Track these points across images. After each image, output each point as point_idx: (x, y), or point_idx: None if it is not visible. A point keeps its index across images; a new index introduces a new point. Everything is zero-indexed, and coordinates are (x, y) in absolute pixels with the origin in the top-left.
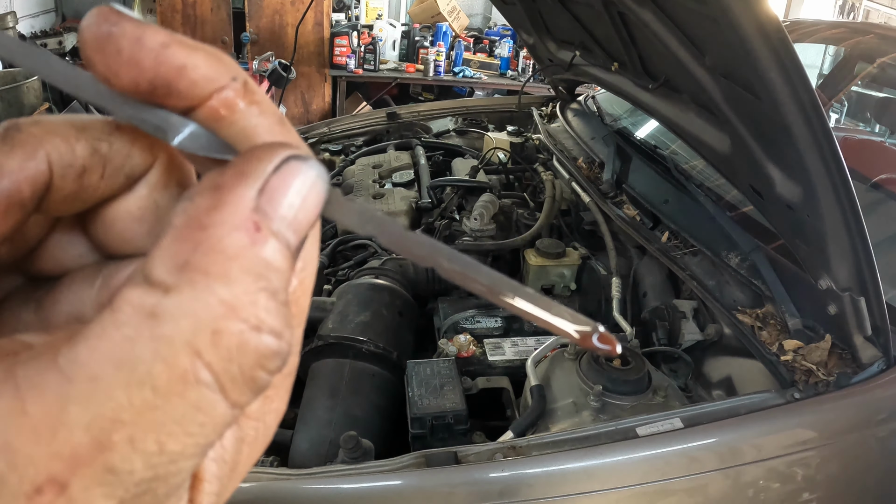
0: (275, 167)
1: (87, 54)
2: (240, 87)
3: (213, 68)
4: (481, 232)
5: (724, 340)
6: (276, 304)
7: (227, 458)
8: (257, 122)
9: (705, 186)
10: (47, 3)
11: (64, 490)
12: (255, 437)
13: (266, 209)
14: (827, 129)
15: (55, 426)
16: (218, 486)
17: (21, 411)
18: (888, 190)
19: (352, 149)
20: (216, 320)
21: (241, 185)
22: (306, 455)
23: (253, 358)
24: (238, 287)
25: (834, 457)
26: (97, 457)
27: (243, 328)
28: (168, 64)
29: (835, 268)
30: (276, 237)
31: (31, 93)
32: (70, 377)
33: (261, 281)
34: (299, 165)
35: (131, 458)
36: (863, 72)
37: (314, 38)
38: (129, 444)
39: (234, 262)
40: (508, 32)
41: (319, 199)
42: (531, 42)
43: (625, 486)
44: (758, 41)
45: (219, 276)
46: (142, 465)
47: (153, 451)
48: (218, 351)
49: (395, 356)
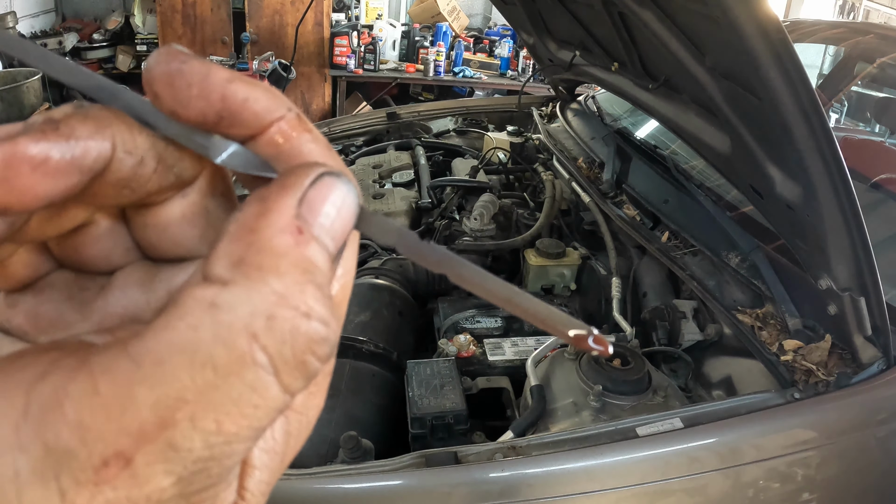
0: (311, 181)
1: (157, 89)
2: (294, 118)
3: (271, 101)
4: (481, 232)
5: (724, 340)
6: (323, 296)
7: (277, 449)
8: (310, 149)
9: (705, 186)
10: (47, 3)
11: (129, 464)
12: (299, 430)
13: (306, 216)
14: (827, 129)
15: (124, 405)
16: (269, 476)
17: (94, 391)
18: (888, 190)
19: (352, 149)
20: (270, 307)
21: (284, 195)
22: (306, 455)
23: (304, 342)
24: (288, 279)
25: (834, 457)
26: (161, 434)
27: (294, 314)
28: (233, 98)
29: (835, 268)
30: (317, 241)
31: (31, 93)
32: (138, 362)
33: (307, 275)
34: (334, 181)
35: (192, 436)
36: (863, 72)
37: (314, 38)
38: (190, 422)
39: (283, 259)
40: (508, 32)
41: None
42: (531, 42)
43: (625, 486)
44: (758, 41)
45: (270, 270)
46: (200, 444)
47: (211, 431)
48: (273, 335)
49: (395, 356)
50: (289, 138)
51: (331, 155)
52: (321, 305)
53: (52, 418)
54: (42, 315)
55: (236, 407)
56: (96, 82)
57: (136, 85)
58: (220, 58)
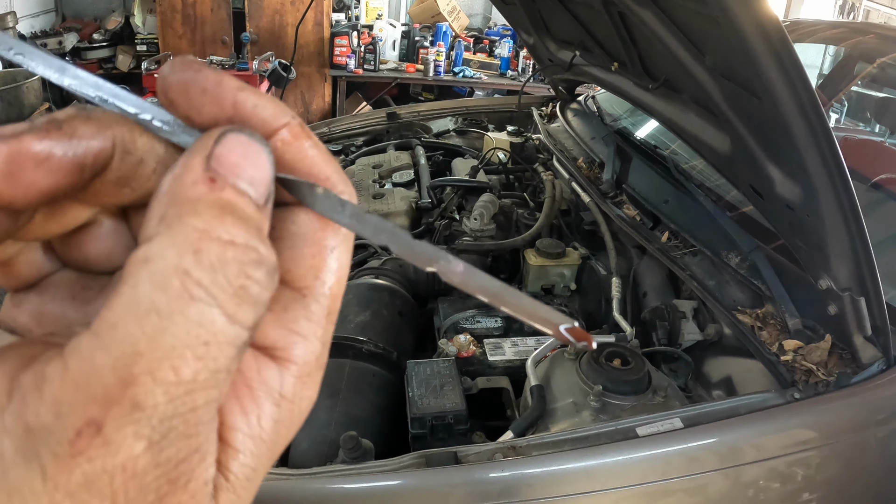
0: (215, 140)
1: (172, 96)
2: (297, 125)
3: (277, 109)
4: (481, 232)
5: (724, 340)
6: (246, 226)
7: (264, 437)
8: (312, 154)
9: (705, 186)
10: (47, 3)
11: (100, 430)
12: (290, 419)
13: (216, 168)
14: (827, 129)
15: (89, 374)
16: (254, 461)
17: (64, 369)
18: (888, 190)
19: (352, 149)
20: (194, 243)
21: (193, 155)
22: (306, 455)
23: (235, 267)
24: (206, 215)
25: (834, 457)
26: (124, 393)
27: (218, 243)
28: (243, 104)
29: (835, 268)
30: (233, 187)
31: (31, 93)
32: (97, 333)
33: (226, 212)
34: (238, 135)
35: (153, 389)
36: (863, 72)
37: (314, 38)
38: (149, 375)
39: (199, 203)
40: (508, 32)
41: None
42: (531, 42)
43: (625, 486)
44: (758, 41)
45: (189, 213)
46: (163, 398)
47: (171, 381)
48: (202, 267)
49: (395, 356)
50: (291, 143)
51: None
52: (244, 231)
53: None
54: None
55: (188, 348)
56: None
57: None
58: (221, 58)
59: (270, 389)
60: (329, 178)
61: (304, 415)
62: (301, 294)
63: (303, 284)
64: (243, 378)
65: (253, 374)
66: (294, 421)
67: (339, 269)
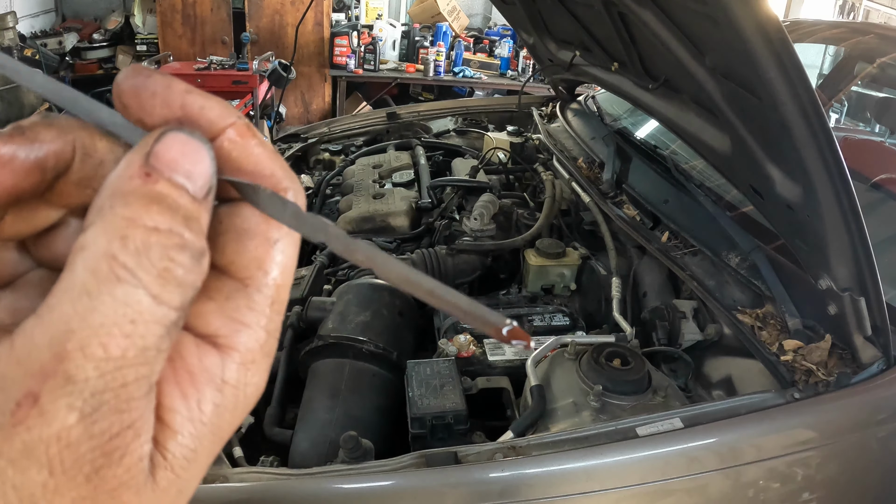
0: (155, 139)
1: (125, 100)
2: (243, 125)
3: (224, 110)
4: (481, 232)
5: (724, 340)
6: (172, 214)
7: (204, 420)
8: (258, 151)
9: (705, 186)
10: (47, 3)
11: (36, 401)
12: (234, 404)
13: (154, 164)
14: (827, 129)
15: (29, 350)
16: (194, 443)
17: (10, 347)
18: (888, 190)
19: (352, 149)
20: (121, 230)
21: (134, 153)
22: (306, 455)
23: (158, 251)
24: (135, 205)
25: (834, 457)
26: (58, 367)
27: (143, 230)
28: (191, 106)
29: (835, 268)
30: (168, 180)
31: (31, 93)
32: (39, 314)
33: (154, 201)
34: (177, 133)
35: (84, 365)
36: (863, 72)
37: (314, 38)
38: (80, 351)
39: (131, 195)
40: (508, 32)
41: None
42: (531, 42)
43: (625, 486)
44: (758, 41)
45: (120, 204)
46: (94, 372)
47: (101, 357)
48: (128, 251)
49: (395, 356)
50: (237, 142)
51: (275, 157)
52: (169, 219)
53: None
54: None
55: (116, 326)
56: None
57: None
58: (221, 58)
59: (212, 375)
60: (274, 174)
61: (251, 400)
62: (244, 284)
63: (246, 275)
64: (185, 364)
65: (195, 361)
66: (239, 406)
67: (283, 260)
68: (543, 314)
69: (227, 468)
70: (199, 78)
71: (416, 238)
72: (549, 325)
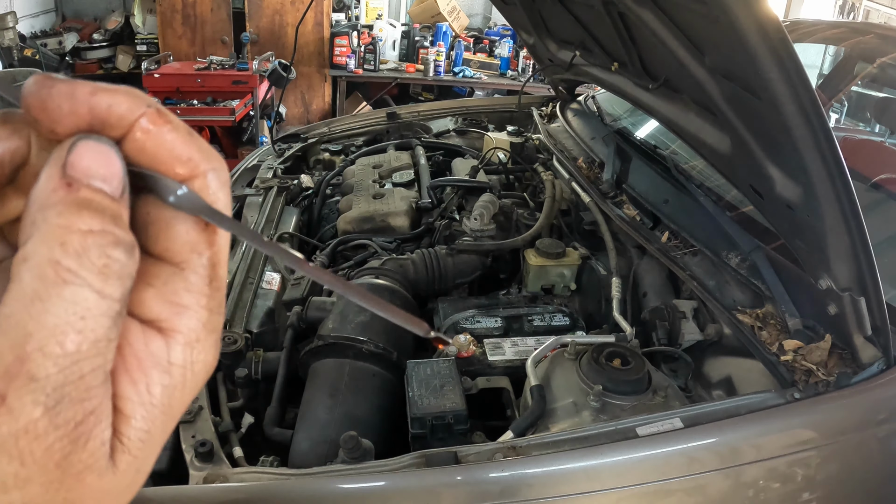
0: (68, 149)
1: (34, 114)
2: (153, 112)
3: (132, 102)
4: (481, 232)
5: (724, 340)
6: (102, 215)
7: (154, 402)
8: (171, 138)
9: (705, 186)
10: (47, 3)
11: (4, 401)
12: (183, 384)
13: (71, 174)
14: (827, 129)
15: None
16: (148, 425)
17: None
18: (888, 190)
19: (352, 149)
20: (59, 237)
21: (50, 167)
22: (306, 455)
23: (96, 250)
24: (66, 213)
25: (834, 457)
26: (21, 368)
27: (79, 234)
28: (98, 106)
29: (835, 268)
30: (87, 186)
31: None
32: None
33: (83, 207)
34: (86, 141)
35: (44, 363)
36: (863, 72)
37: (314, 38)
38: (39, 351)
39: (59, 204)
40: (508, 32)
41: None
42: (531, 42)
43: (625, 486)
44: (758, 41)
45: (53, 214)
46: (53, 368)
47: (58, 354)
48: (69, 255)
49: (395, 356)
50: (150, 131)
51: (191, 140)
52: (100, 220)
53: None
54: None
55: (69, 324)
56: None
57: (136, 85)
58: (221, 58)
59: (158, 359)
60: (191, 158)
61: (200, 377)
62: (179, 268)
63: (180, 259)
64: (132, 351)
65: (140, 347)
66: (188, 384)
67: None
68: (543, 314)
69: (227, 468)
70: (199, 78)
71: (416, 238)
72: (549, 325)
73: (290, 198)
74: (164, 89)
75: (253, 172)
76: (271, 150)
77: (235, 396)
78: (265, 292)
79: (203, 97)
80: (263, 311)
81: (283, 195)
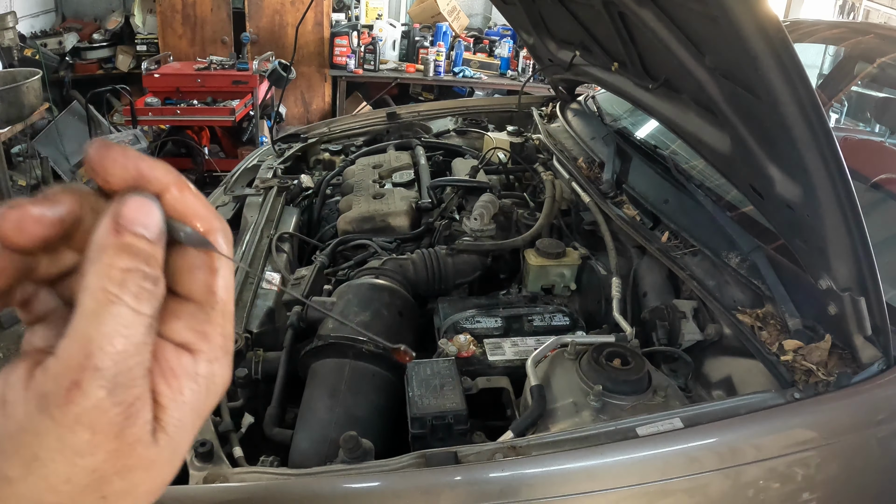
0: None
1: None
2: (182, 181)
3: (165, 170)
4: (481, 232)
5: (724, 340)
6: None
7: (185, 399)
8: (192, 201)
9: (705, 186)
10: (47, 3)
11: (79, 386)
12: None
13: (120, 222)
14: (827, 129)
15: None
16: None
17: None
18: (888, 190)
19: (352, 149)
20: (107, 272)
21: (107, 216)
22: (306, 455)
23: (132, 282)
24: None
25: (834, 457)
26: (89, 362)
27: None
28: (143, 167)
29: (835, 268)
30: (130, 232)
31: (31, 93)
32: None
33: (124, 250)
34: (134, 197)
35: (103, 358)
36: (863, 72)
37: (314, 38)
38: (100, 349)
39: (109, 247)
40: (508, 32)
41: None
42: (531, 42)
43: (625, 486)
44: (758, 41)
45: (104, 255)
46: (110, 362)
47: (112, 351)
48: (114, 284)
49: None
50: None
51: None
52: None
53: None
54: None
55: (116, 331)
56: None
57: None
58: (221, 58)
59: (187, 370)
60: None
61: (220, 387)
62: (200, 305)
63: (200, 298)
64: (168, 364)
65: (175, 362)
66: (211, 391)
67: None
68: (543, 314)
69: (227, 468)
70: (199, 78)
71: (416, 238)
72: (549, 325)
73: (290, 198)
74: (164, 89)
75: (253, 172)
76: (271, 150)
77: (235, 396)
78: (265, 292)
79: (203, 97)
80: (263, 311)
81: (283, 195)
